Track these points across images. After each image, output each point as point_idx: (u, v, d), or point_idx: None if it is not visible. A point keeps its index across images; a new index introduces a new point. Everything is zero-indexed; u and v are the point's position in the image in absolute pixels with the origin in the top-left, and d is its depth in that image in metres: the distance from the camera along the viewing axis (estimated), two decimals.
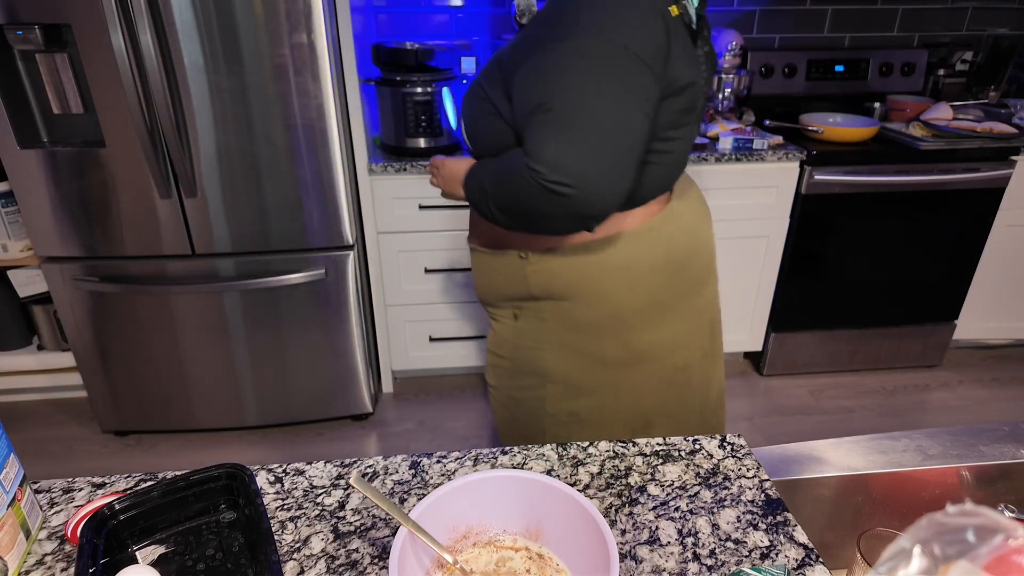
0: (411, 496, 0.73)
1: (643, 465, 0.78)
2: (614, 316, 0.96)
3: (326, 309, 1.94)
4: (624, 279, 0.94)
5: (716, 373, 1.12)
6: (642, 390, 1.03)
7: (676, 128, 0.90)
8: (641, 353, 0.99)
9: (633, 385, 1.02)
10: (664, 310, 0.97)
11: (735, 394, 2.31)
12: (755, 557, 0.65)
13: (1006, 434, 0.87)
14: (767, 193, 2.10)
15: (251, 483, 0.68)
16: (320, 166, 1.76)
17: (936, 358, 2.44)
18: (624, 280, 0.94)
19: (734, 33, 2.26)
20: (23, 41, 1.56)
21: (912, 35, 2.54)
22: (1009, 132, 2.07)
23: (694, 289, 0.99)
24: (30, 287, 2.10)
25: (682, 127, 0.91)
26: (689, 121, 0.92)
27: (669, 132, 0.89)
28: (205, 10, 1.55)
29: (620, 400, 1.04)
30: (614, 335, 0.97)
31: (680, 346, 1.02)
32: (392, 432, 2.14)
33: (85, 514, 0.65)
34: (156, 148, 1.67)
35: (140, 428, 2.10)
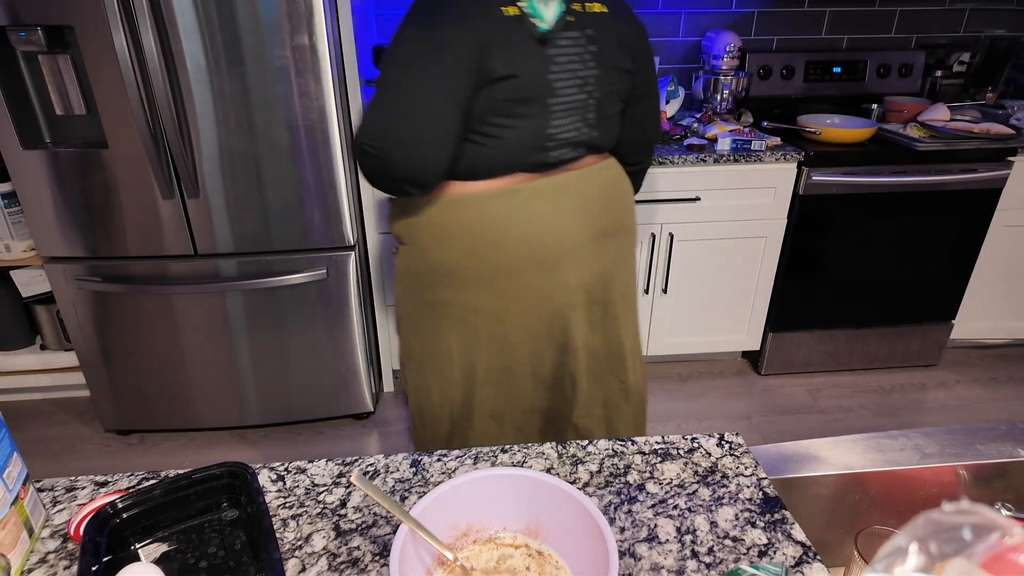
0: (412, 494, 0.74)
1: (642, 463, 0.78)
2: (434, 267, 1.09)
3: (327, 309, 1.95)
4: (438, 236, 1.07)
5: (576, 369, 1.18)
6: (465, 346, 1.14)
7: (504, 116, 1.00)
8: (459, 309, 1.11)
9: (457, 338, 1.14)
10: (482, 277, 1.07)
11: (734, 393, 2.32)
12: (753, 555, 0.66)
13: (1003, 433, 0.87)
14: (765, 194, 2.11)
15: (253, 481, 0.68)
16: (321, 167, 1.76)
17: (933, 358, 2.44)
18: (438, 237, 1.07)
19: (732, 35, 2.27)
20: (26, 42, 1.57)
21: (910, 36, 2.54)
22: (1006, 133, 2.08)
23: (524, 268, 1.07)
24: (33, 287, 2.10)
25: (514, 116, 1.00)
26: (527, 113, 1.00)
27: (494, 118, 0.99)
28: (207, 11, 1.56)
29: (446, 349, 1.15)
30: (437, 286, 1.10)
31: (502, 318, 1.10)
32: (393, 431, 2.14)
33: (88, 512, 0.66)
34: (158, 149, 1.67)
35: (142, 427, 2.10)
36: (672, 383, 2.38)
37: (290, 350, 1.99)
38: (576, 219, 1.09)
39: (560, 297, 1.11)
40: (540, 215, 1.06)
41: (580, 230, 1.09)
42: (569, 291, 1.12)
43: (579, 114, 1.06)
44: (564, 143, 1.06)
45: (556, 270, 1.09)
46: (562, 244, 1.08)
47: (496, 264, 1.06)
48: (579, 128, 1.07)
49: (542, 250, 1.07)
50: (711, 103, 2.30)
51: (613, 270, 1.18)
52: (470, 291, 1.09)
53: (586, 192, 1.11)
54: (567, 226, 1.08)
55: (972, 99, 2.45)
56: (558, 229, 1.07)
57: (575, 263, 1.10)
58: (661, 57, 2.46)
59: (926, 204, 2.13)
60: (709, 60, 2.32)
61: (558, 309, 1.12)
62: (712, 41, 2.30)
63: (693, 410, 2.24)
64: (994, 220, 2.19)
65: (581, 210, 1.10)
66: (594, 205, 1.12)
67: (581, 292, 1.13)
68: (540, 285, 1.09)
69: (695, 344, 2.35)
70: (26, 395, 2.29)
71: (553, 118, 1.03)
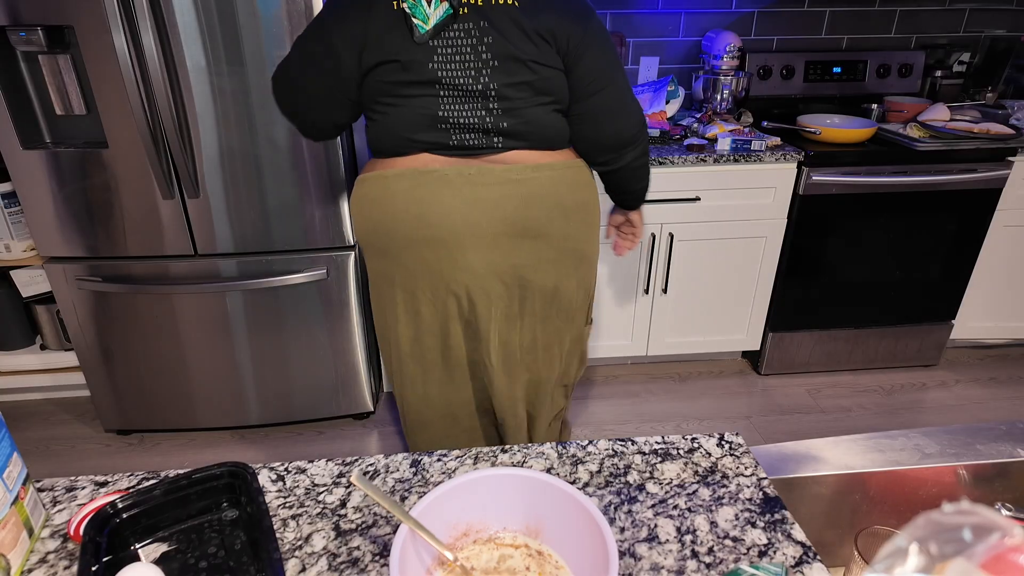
0: (412, 494, 0.74)
1: (642, 463, 0.79)
2: (360, 238, 1.24)
3: (328, 309, 1.95)
4: (357, 209, 1.21)
5: (489, 360, 1.27)
6: (389, 318, 1.29)
7: (391, 96, 1.11)
8: (381, 279, 1.26)
9: (384, 310, 1.29)
10: (390, 249, 1.20)
11: (734, 393, 2.32)
12: (753, 555, 0.66)
13: (1003, 433, 0.87)
14: (765, 194, 2.11)
15: (253, 481, 0.68)
16: (321, 167, 1.77)
17: (933, 358, 2.44)
18: (358, 210, 1.21)
19: (732, 35, 2.27)
20: (26, 42, 1.57)
21: (909, 37, 2.54)
22: (1006, 133, 2.08)
23: (424, 244, 1.17)
24: (33, 287, 2.10)
25: (401, 96, 1.11)
26: (413, 94, 1.10)
27: (382, 98, 1.12)
28: (207, 11, 1.56)
29: (381, 320, 1.32)
30: (368, 255, 1.26)
31: (413, 292, 1.22)
32: (393, 431, 2.14)
33: (88, 512, 0.66)
34: (158, 149, 1.67)
35: (142, 427, 2.10)
36: (672, 383, 2.38)
37: (290, 350, 1.99)
38: (484, 209, 1.14)
39: (464, 278, 1.19)
40: (442, 198, 1.13)
41: (489, 221, 1.15)
42: (475, 274, 1.19)
43: (479, 102, 1.11)
44: (465, 128, 1.12)
45: (457, 252, 1.16)
46: (463, 229, 1.15)
47: (399, 238, 1.17)
48: (481, 116, 1.11)
49: (441, 230, 1.15)
50: (711, 103, 2.30)
51: (533, 270, 1.21)
52: (385, 262, 1.22)
53: (500, 187, 1.14)
54: (470, 213, 1.14)
55: (972, 99, 2.45)
56: (460, 214, 1.14)
57: (481, 249, 1.17)
58: (661, 57, 2.47)
59: (926, 204, 2.13)
60: (709, 60, 2.32)
61: (465, 290, 1.20)
62: (712, 41, 2.30)
63: (693, 410, 2.24)
64: (994, 220, 2.19)
65: (494, 203, 1.14)
66: (508, 202, 1.15)
67: (492, 279, 1.20)
68: (441, 263, 1.18)
69: (695, 344, 2.35)
70: (26, 395, 2.29)
71: (444, 102, 1.10)
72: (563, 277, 1.24)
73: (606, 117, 1.19)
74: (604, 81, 1.15)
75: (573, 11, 1.11)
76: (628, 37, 2.41)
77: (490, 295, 1.21)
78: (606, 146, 1.22)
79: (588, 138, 1.21)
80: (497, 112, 1.11)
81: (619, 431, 2.13)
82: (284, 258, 1.87)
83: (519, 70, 1.09)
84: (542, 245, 1.19)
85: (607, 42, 1.15)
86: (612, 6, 2.35)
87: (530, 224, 1.17)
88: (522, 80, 1.10)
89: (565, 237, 1.21)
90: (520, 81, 1.10)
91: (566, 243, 1.21)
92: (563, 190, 1.18)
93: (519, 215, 1.15)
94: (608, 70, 1.15)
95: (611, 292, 2.23)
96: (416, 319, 1.25)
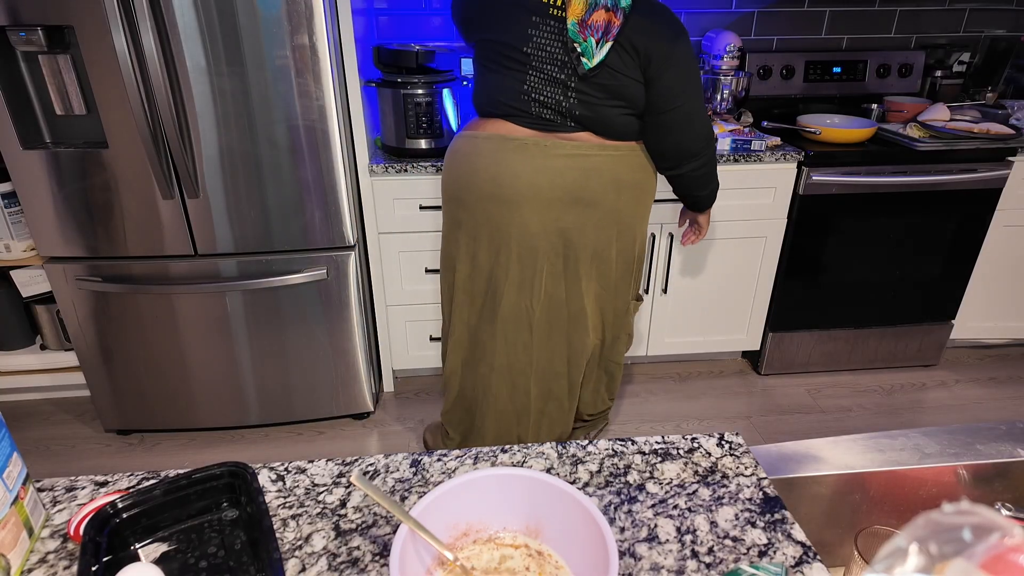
0: (412, 494, 0.74)
1: (642, 463, 0.79)
2: (443, 183, 1.49)
3: (327, 309, 1.95)
4: (448, 161, 1.45)
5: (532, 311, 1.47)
6: (452, 252, 1.51)
7: (492, 61, 1.34)
8: (451, 220, 1.48)
9: (451, 244, 1.51)
10: (462, 199, 1.41)
11: (734, 393, 2.32)
12: (753, 555, 0.66)
13: (1003, 433, 0.87)
14: (765, 194, 2.11)
15: (253, 481, 0.68)
16: (321, 167, 1.77)
17: (933, 358, 2.44)
18: (448, 162, 1.45)
19: (732, 35, 2.27)
20: (26, 42, 1.57)
21: (909, 37, 2.54)
22: (1006, 133, 2.08)
23: (489, 199, 1.37)
24: (33, 287, 2.10)
25: (498, 64, 1.33)
26: (507, 67, 1.32)
27: (485, 60, 1.36)
28: (207, 12, 1.56)
29: (445, 252, 1.55)
30: (444, 199, 1.51)
31: (475, 236, 1.43)
32: (393, 431, 2.14)
33: (88, 512, 0.66)
34: (158, 149, 1.67)
35: (142, 427, 2.10)
36: (672, 383, 2.38)
37: (290, 350, 1.99)
38: (548, 176, 1.33)
39: (518, 233, 1.38)
40: (515, 163, 1.33)
41: (550, 187, 1.34)
42: (528, 231, 1.38)
43: (559, 88, 1.30)
44: (543, 105, 1.32)
45: (517, 210, 1.36)
46: (527, 191, 1.34)
47: (474, 190, 1.38)
48: (558, 99, 1.31)
49: (508, 190, 1.34)
50: (711, 103, 2.30)
51: (579, 233, 1.39)
52: (458, 208, 1.43)
53: (567, 159, 1.33)
54: (536, 178, 1.33)
55: (972, 99, 2.45)
56: (528, 178, 1.33)
57: (538, 210, 1.36)
58: None
59: (926, 204, 2.13)
60: (709, 60, 2.32)
61: (518, 244, 1.39)
62: (712, 41, 2.30)
63: (693, 410, 2.24)
64: (994, 220, 2.19)
65: (558, 171, 1.33)
66: (571, 172, 1.34)
67: (542, 237, 1.39)
68: (503, 217, 1.37)
69: (695, 344, 2.35)
70: (26, 395, 2.29)
71: (529, 80, 1.31)
72: (604, 244, 1.42)
73: (672, 132, 1.36)
74: (678, 101, 1.31)
75: (665, 33, 1.27)
76: None
77: (538, 251, 1.40)
78: (667, 155, 1.40)
79: (653, 145, 1.39)
80: (573, 100, 1.31)
81: (619, 431, 2.13)
82: (284, 258, 1.87)
83: (599, 73, 1.27)
84: (591, 212, 1.37)
85: (689, 64, 1.30)
86: None
87: (585, 194, 1.35)
88: (599, 82, 1.28)
89: (614, 209, 1.39)
90: (597, 82, 1.28)
91: (613, 215, 1.40)
92: (622, 168, 1.37)
93: (577, 184, 1.34)
94: (683, 92, 1.31)
95: None
96: (473, 261, 1.46)
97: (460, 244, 1.48)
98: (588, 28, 1.22)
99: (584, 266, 1.43)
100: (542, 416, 1.63)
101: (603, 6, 1.21)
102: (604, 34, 1.22)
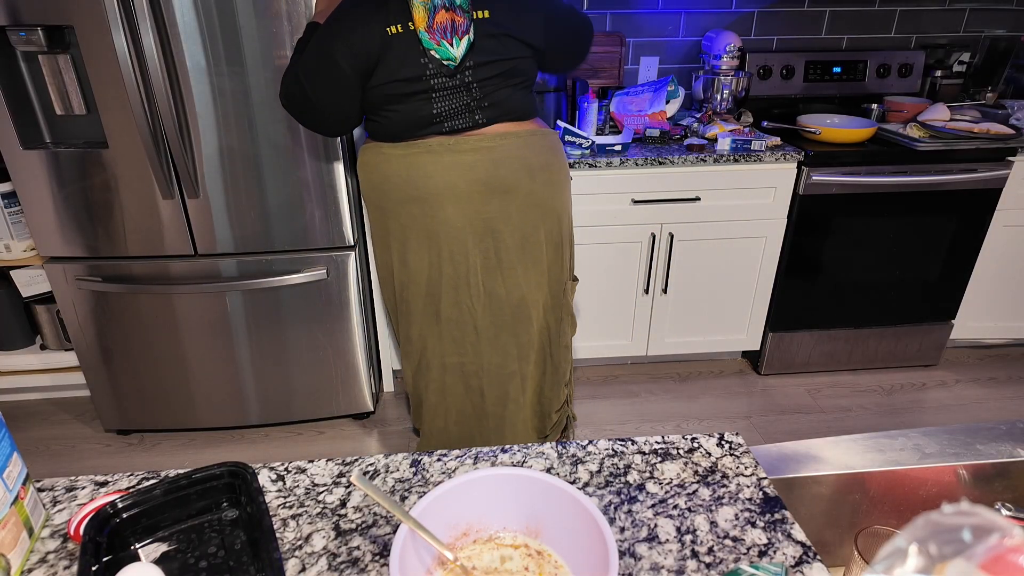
0: (412, 494, 0.74)
1: (642, 463, 0.79)
2: (364, 195, 1.49)
3: (327, 309, 1.95)
4: (359, 172, 1.48)
5: (474, 309, 1.48)
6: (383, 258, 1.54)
7: (395, 103, 1.33)
8: (380, 229, 1.49)
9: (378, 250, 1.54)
10: (385, 206, 1.43)
11: (734, 393, 2.32)
12: (753, 555, 0.66)
13: (1003, 433, 0.87)
14: (765, 194, 2.11)
15: (253, 481, 0.68)
16: (321, 167, 1.77)
17: (933, 357, 2.44)
18: (359, 173, 1.48)
19: (732, 35, 2.27)
20: (26, 42, 1.57)
21: (909, 36, 2.54)
22: (1006, 133, 2.08)
23: (410, 201, 1.39)
24: (33, 287, 2.10)
25: (401, 103, 1.33)
26: (409, 101, 1.33)
27: (388, 105, 1.34)
28: (207, 11, 1.56)
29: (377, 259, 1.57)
30: (368, 209, 1.51)
31: (404, 241, 1.45)
32: (393, 431, 2.14)
33: (88, 512, 0.66)
34: (158, 149, 1.67)
35: (142, 427, 2.10)
36: (672, 383, 2.38)
37: (290, 350, 1.99)
38: (460, 171, 1.36)
39: (444, 231, 1.40)
40: (421, 163, 1.36)
41: (464, 181, 1.36)
42: (453, 227, 1.40)
43: (463, 94, 1.34)
44: (454, 116, 1.35)
45: (437, 207, 1.38)
46: (443, 189, 1.36)
47: (392, 197, 1.41)
48: (466, 103, 1.34)
49: (424, 191, 1.37)
50: (711, 103, 2.30)
51: (504, 221, 1.41)
52: (382, 216, 1.46)
53: (475, 152, 1.36)
54: (448, 175, 1.36)
55: (972, 99, 2.45)
56: (440, 177, 1.36)
57: (458, 205, 1.38)
58: (661, 57, 2.47)
59: (926, 204, 2.13)
60: (709, 60, 2.32)
61: (446, 242, 1.41)
62: (712, 41, 2.30)
63: (693, 410, 2.24)
64: (994, 220, 2.19)
65: (468, 166, 1.36)
66: (481, 164, 1.36)
67: (468, 231, 1.41)
68: (426, 218, 1.40)
69: (695, 344, 2.35)
70: (26, 395, 2.29)
71: (435, 103, 1.33)
72: (530, 228, 1.44)
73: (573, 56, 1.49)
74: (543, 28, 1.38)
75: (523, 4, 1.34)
76: (628, 37, 2.41)
77: (467, 245, 1.42)
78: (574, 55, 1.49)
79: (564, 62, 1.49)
80: (478, 100, 1.35)
81: (619, 431, 2.13)
82: (284, 258, 1.87)
83: (495, 67, 1.33)
84: (509, 199, 1.39)
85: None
86: (612, 6, 2.35)
87: (499, 182, 1.37)
88: (496, 73, 1.34)
89: (530, 192, 1.41)
90: (495, 74, 1.34)
91: (531, 198, 1.41)
92: (529, 153, 1.39)
93: (489, 174, 1.37)
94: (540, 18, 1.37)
95: (611, 292, 2.23)
96: (407, 267, 1.47)
97: (392, 251, 1.48)
98: (437, 31, 1.27)
99: (516, 254, 1.45)
100: (503, 421, 1.61)
101: (442, 7, 1.25)
102: (453, 32, 1.27)
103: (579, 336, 2.30)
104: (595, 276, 2.20)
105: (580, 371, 2.45)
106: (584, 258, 2.17)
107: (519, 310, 1.50)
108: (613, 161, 1.99)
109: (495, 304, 1.49)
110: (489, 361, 1.54)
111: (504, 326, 1.51)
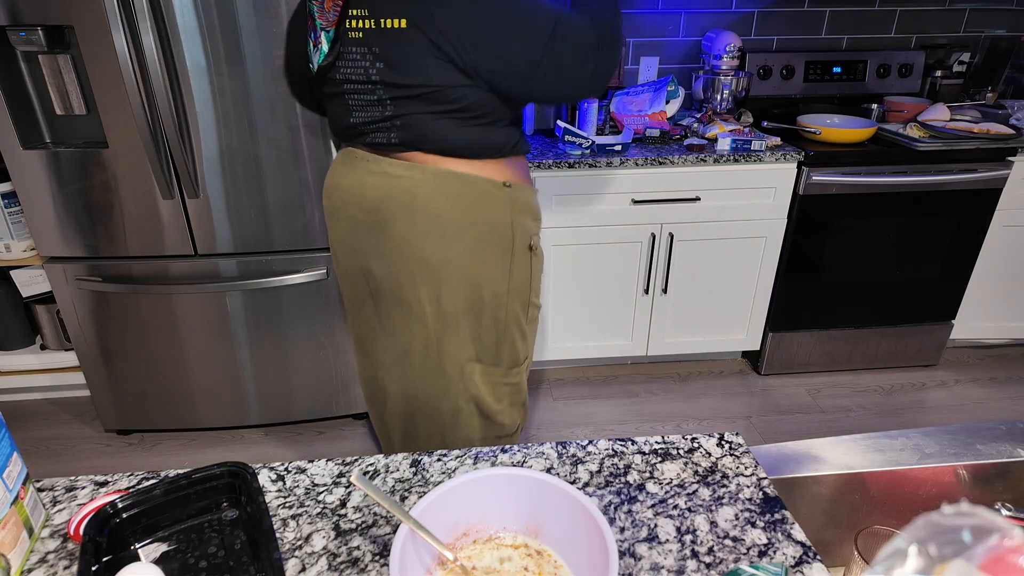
0: (412, 494, 0.74)
1: (642, 463, 0.79)
2: None
3: (328, 308, 1.95)
4: None
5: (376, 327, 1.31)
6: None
7: (324, 99, 1.23)
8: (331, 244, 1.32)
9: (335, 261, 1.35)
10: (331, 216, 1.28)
11: (734, 393, 2.32)
12: (753, 555, 0.66)
13: (1003, 433, 0.87)
14: (765, 194, 2.11)
15: (253, 481, 0.68)
16: (322, 167, 1.76)
17: (933, 358, 2.44)
18: None
19: (732, 35, 2.27)
20: (26, 42, 1.57)
21: (909, 37, 2.54)
22: (1006, 133, 2.08)
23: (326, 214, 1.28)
24: (33, 287, 2.10)
25: (327, 100, 1.22)
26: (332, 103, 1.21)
27: (321, 99, 1.25)
28: (207, 11, 1.56)
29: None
30: None
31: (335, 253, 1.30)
32: None
33: (88, 512, 0.66)
34: (158, 149, 1.67)
35: (142, 427, 2.10)
36: (672, 383, 2.38)
37: (290, 350, 1.99)
38: (357, 192, 1.20)
39: (336, 249, 1.28)
40: (338, 173, 1.23)
41: (356, 202, 1.19)
42: (341, 248, 1.26)
43: (377, 110, 1.15)
44: (374, 130, 1.17)
45: (333, 224, 1.26)
46: (338, 204, 1.23)
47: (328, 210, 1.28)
48: (379, 121, 1.16)
49: (331, 201, 1.25)
50: (711, 103, 2.30)
51: (372, 259, 1.21)
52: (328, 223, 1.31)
53: (379, 176, 1.16)
54: (347, 192, 1.21)
55: (972, 99, 2.45)
56: (342, 191, 1.22)
57: (344, 229, 1.24)
58: (661, 57, 2.47)
59: (926, 204, 2.13)
60: (709, 60, 2.32)
61: (339, 260, 1.29)
62: (712, 41, 2.30)
63: (693, 410, 2.24)
64: (994, 220, 2.19)
65: (367, 188, 1.18)
66: (377, 191, 1.17)
67: (350, 258, 1.25)
68: (330, 231, 1.29)
69: (695, 344, 2.35)
70: (26, 395, 2.29)
71: (353, 111, 1.18)
72: (406, 283, 1.19)
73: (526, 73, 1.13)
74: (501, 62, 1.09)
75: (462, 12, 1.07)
76: (628, 37, 2.41)
77: (352, 272, 1.26)
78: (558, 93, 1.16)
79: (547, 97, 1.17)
80: (393, 118, 1.14)
81: (619, 431, 2.13)
82: (284, 258, 1.87)
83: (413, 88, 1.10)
84: (383, 239, 1.18)
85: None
86: None
87: (379, 216, 1.17)
88: (416, 94, 1.10)
89: (405, 240, 1.16)
90: (414, 95, 1.10)
91: (405, 247, 1.16)
92: (421, 193, 1.14)
93: (375, 205, 1.16)
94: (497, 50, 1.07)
95: (611, 292, 2.23)
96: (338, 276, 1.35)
97: (337, 262, 1.32)
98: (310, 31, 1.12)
99: (386, 305, 1.23)
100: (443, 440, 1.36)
101: None
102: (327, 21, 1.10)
103: (579, 336, 2.30)
104: (595, 276, 2.20)
105: (580, 371, 2.45)
106: (584, 258, 2.17)
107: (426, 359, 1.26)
108: (613, 161, 1.99)
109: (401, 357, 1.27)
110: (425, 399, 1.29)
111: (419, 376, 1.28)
